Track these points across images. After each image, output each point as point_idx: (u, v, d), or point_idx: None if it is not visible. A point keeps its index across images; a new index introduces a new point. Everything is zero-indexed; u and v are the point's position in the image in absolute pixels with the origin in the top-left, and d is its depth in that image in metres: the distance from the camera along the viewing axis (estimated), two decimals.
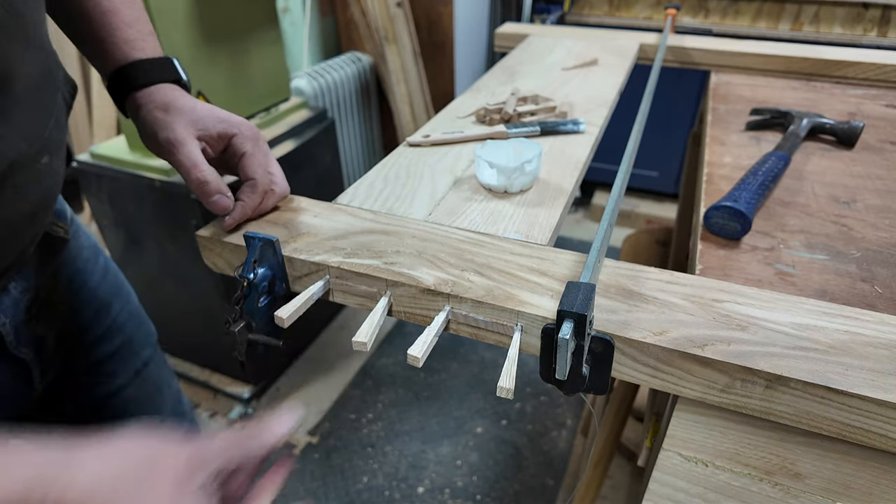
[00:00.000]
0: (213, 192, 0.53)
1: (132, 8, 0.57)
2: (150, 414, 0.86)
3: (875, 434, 0.38)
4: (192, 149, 0.53)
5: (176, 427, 0.93)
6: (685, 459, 0.48)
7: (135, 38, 0.57)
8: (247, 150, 0.57)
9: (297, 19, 2.07)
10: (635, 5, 2.54)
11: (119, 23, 0.56)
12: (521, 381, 1.81)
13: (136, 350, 0.82)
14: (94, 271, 0.75)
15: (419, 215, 0.59)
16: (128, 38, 0.56)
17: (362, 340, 0.44)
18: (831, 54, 1.10)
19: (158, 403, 0.87)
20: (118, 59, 0.56)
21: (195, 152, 0.53)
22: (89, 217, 2.27)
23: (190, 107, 0.55)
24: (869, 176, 0.75)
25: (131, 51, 0.56)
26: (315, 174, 1.71)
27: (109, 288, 0.77)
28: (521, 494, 1.49)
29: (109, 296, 0.77)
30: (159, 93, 0.56)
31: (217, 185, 0.53)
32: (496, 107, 0.83)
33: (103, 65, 0.57)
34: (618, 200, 0.56)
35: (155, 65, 0.57)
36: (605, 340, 0.42)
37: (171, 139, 0.53)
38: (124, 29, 0.56)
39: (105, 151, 1.41)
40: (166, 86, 0.56)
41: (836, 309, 0.44)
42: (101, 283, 0.76)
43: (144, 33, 0.58)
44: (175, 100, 0.55)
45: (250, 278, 0.50)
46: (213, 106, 0.57)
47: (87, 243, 0.74)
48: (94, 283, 0.75)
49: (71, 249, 0.69)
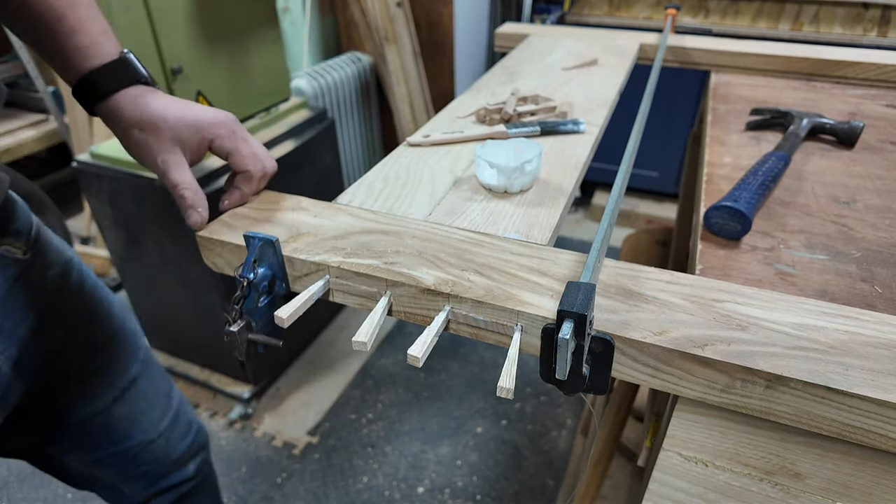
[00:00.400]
0: (187, 206, 0.56)
1: (77, 10, 0.54)
2: (143, 429, 0.85)
3: (875, 434, 0.38)
4: (176, 171, 0.55)
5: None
6: (685, 459, 0.48)
7: (85, 44, 0.54)
8: (230, 149, 0.58)
9: (297, 19, 2.07)
10: (635, 5, 2.54)
11: (66, 31, 0.54)
12: (521, 381, 1.81)
13: (121, 367, 0.81)
14: (66, 291, 0.73)
15: (419, 215, 0.59)
16: (78, 45, 0.54)
17: (362, 340, 0.44)
18: (831, 54, 1.10)
19: (153, 418, 0.86)
20: (74, 71, 0.55)
21: (179, 173, 0.55)
22: (89, 217, 2.28)
23: (160, 115, 0.55)
24: (869, 176, 0.75)
25: (83, 60, 0.54)
26: (315, 174, 1.71)
27: (86, 305, 0.76)
28: (521, 494, 1.49)
29: (87, 313, 0.76)
30: (125, 107, 0.55)
31: (193, 200, 0.56)
32: (496, 107, 0.83)
33: (66, 79, 0.56)
34: (618, 200, 0.56)
35: (111, 71, 0.55)
36: (605, 340, 0.42)
37: (157, 164, 0.55)
38: (72, 37, 0.54)
39: (105, 151, 1.41)
40: (129, 92, 0.55)
41: (836, 309, 0.44)
42: (76, 300, 0.74)
43: (94, 34, 0.55)
44: (144, 112, 0.55)
45: (250, 278, 0.50)
46: (182, 106, 0.56)
47: (57, 260, 0.72)
48: (69, 302, 0.73)
49: (36, 268, 0.68)
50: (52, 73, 2.23)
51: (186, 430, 0.93)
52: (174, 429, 0.90)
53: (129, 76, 0.56)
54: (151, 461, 0.87)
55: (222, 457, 1.59)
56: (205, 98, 1.34)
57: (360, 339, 0.44)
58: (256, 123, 1.54)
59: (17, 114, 2.36)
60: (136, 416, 0.84)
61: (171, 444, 0.90)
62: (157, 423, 0.87)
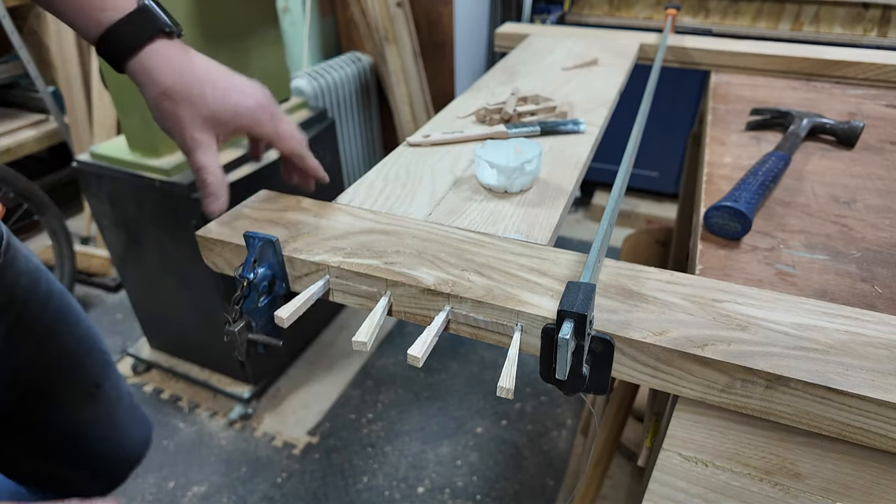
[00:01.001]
0: (209, 193, 0.54)
1: None
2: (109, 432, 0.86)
3: (875, 434, 0.38)
4: (203, 152, 0.53)
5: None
6: (685, 459, 0.48)
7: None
8: (271, 134, 0.56)
9: (297, 19, 2.07)
10: (635, 5, 2.54)
11: None
12: (521, 381, 1.81)
13: (88, 371, 0.81)
14: (35, 299, 0.72)
15: (419, 215, 0.59)
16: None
17: (362, 340, 0.44)
18: (831, 54, 1.10)
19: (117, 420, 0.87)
20: (91, 28, 0.51)
21: (206, 156, 0.53)
22: (89, 217, 2.28)
23: (199, 89, 0.51)
24: (869, 176, 0.75)
25: (99, 13, 0.50)
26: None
27: (52, 315, 0.75)
28: (521, 494, 1.49)
29: (53, 323, 0.75)
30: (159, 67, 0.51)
31: (216, 188, 0.54)
32: (496, 107, 0.83)
33: (86, 37, 0.52)
34: (618, 200, 0.56)
35: (133, 23, 0.50)
36: (605, 340, 0.42)
37: (186, 141, 0.53)
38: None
39: (105, 151, 1.41)
40: (161, 49, 0.51)
41: (836, 309, 0.44)
42: (43, 310, 0.73)
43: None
44: (181, 77, 0.51)
45: (250, 278, 0.50)
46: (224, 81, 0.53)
47: (27, 268, 0.71)
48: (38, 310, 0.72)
49: (7, 276, 0.67)
50: (52, 73, 2.23)
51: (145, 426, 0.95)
52: (137, 427, 0.92)
53: (152, 26, 0.51)
54: (114, 459, 0.89)
55: (222, 457, 1.59)
56: None
57: (360, 339, 0.44)
58: None
59: (17, 114, 2.36)
60: (102, 418, 0.85)
61: (133, 441, 0.91)
62: (121, 423, 0.88)
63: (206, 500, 1.48)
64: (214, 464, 1.57)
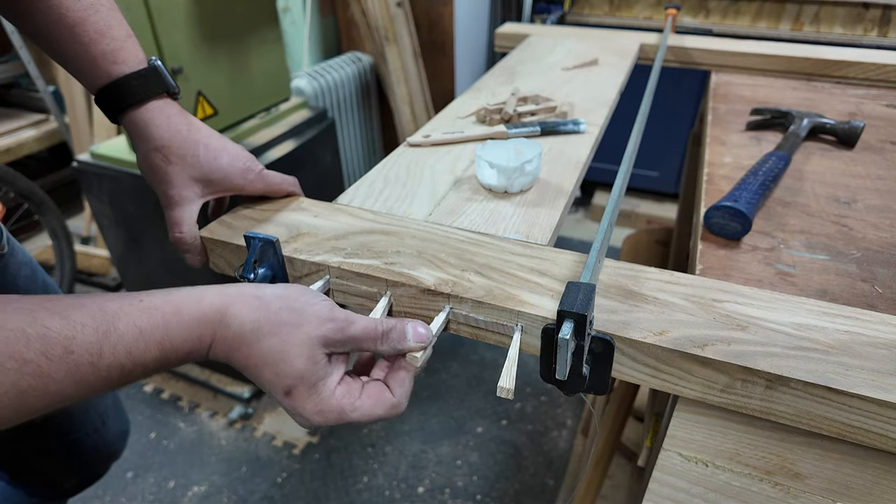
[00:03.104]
0: (185, 250, 0.56)
1: (100, 13, 0.52)
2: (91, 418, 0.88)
3: (875, 434, 0.38)
4: (183, 209, 0.54)
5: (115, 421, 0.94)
6: (685, 459, 0.48)
7: (112, 48, 0.52)
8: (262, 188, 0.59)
9: (297, 19, 2.07)
10: (635, 5, 2.54)
11: (91, 35, 0.51)
12: (521, 381, 1.81)
13: None
14: (35, 290, 0.75)
15: (419, 215, 0.59)
16: (104, 50, 0.52)
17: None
18: (831, 54, 1.10)
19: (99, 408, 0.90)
20: (100, 77, 0.52)
21: (183, 213, 0.54)
22: (89, 217, 2.28)
23: (192, 153, 0.53)
24: (869, 176, 0.75)
25: (111, 66, 0.52)
26: (315, 174, 1.71)
27: None
28: (521, 494, 1.49)
29: None
30: (156, 122, 0.53)
31: (189, 246, 0.55)
32: (496, 107, 0.83)
33: (88, 84, 0.54)
34: (618, 200, 0.56)
35: (140, 79, 0.53)
36: (606, 340, 0.42)
37: (170, 196, 0.54)
38: (98, 41, 0.51)
39: (105, 151, 1.41)
40: (160, 107, 0.54)
41: (836, 309, 0.44)
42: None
43: (121, 39, 0.53)
44: (176, 138, 0.53)
45: (250, 278, 0.50)
46: (217, 147, 0.55)
47: (25, 260, 0.74)
48: None
49: (10, 267, 0.69)
50: (52, 73, 2.23)
51: (123, 421, 0.96)
52: (116, 419, 0.93)
53: (156, 85, 0.54)
54: (93, 450, 0.90)
55: (222, 457, 1.59)
56: (205, 98, 1.34)
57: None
58: (256, 123, 1.54)
59: (17, 114, 2.36)
60: (86, 407, 0.87)
61: (112, 431, 0.93)
62: (102, 412, 0.90)
63: (206, 499, 1.48)
64: (215, 464, 1.57)
